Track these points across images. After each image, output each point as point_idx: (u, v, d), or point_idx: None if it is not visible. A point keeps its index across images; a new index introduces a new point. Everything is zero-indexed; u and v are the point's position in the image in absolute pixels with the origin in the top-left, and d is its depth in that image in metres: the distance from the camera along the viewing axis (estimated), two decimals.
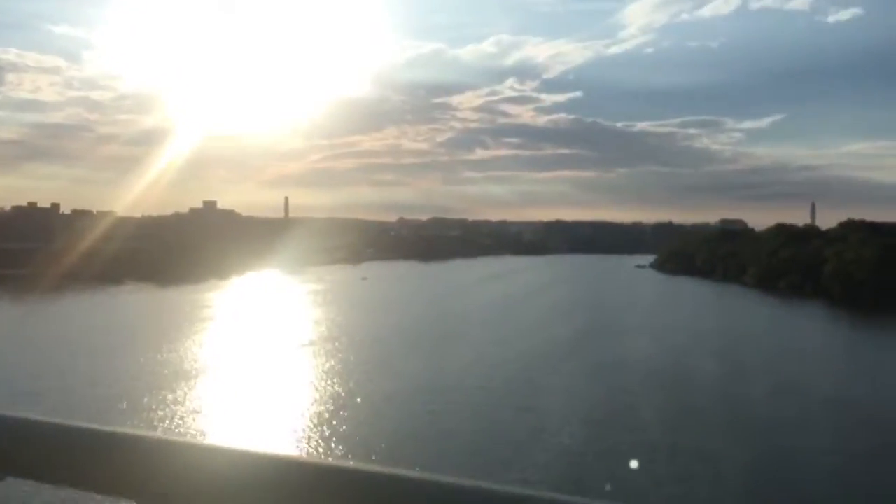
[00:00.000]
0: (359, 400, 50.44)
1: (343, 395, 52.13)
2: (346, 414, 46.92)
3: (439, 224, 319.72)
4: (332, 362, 64.07)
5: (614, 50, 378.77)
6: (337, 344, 72.81)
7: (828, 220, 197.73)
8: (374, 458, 37.91)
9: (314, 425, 44.86)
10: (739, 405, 51.09)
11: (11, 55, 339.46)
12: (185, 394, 52.14)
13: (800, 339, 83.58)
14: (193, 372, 59.19)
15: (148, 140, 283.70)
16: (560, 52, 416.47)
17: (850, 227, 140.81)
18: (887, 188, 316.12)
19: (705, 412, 49.04)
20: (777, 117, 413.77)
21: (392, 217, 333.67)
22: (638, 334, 79.76)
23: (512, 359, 65.55)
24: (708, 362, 64.74)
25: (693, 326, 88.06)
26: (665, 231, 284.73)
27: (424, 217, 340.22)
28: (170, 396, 50.90)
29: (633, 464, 36.32)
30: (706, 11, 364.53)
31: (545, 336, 78.92)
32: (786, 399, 52.77)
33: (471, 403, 50.00)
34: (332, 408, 48.78)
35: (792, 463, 39.77)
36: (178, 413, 47.17)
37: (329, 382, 56.21)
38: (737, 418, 47.73)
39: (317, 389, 54.11)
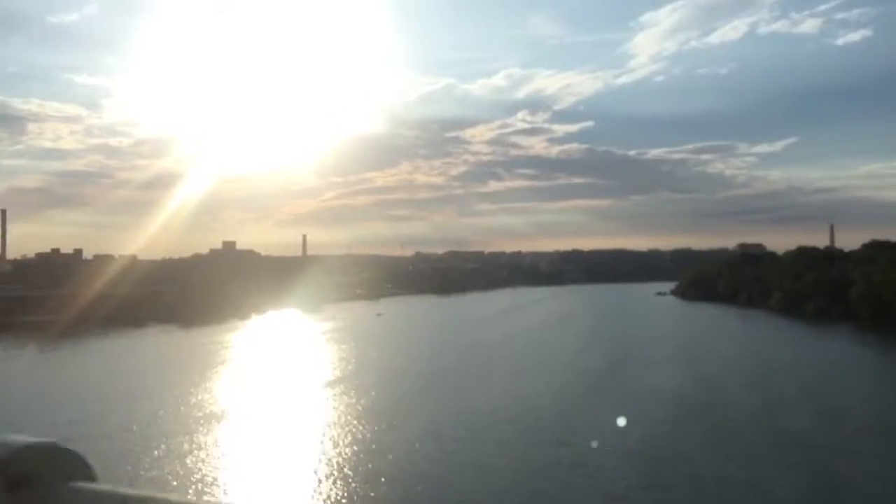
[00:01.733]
0: (391, 440, 49.69)
1: (372, 437, 51.16)
2: (379, 457, 46.13)
3: (455, 257, 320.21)
4: (359, 403, 63.04)
5: (624, 79, 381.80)
6: (362, 383, 71.75)
7: (846, 241, 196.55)
8: (413, 500, 37.31)
9: (346, 467, 44.20)
10: (781, 433, 49.86)
11: (33, 105, 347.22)
12: (218, 438, 51.60)
13: (835, 363, 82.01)
14: (223, 415, 58.63)
15: (166, 184, 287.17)
16: (570, 84, 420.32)
17: (874, 248, 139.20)
18: None
19: (748, 441, 47.99)
20: (790, 140, 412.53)
21: (408, 252, 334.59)
22: (669, 364, 78.57)
23: (542, 393, 64.65)
24: (746, 391, 63.56)
25: (725, 354, 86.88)
26: (683, 257, 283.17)
27: (441, 251, 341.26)
28: (204, 440, 50.50)
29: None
30: (715, 38, 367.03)
31: (573, 368, 77.97)
32: (830, 426, 51.65)
33: (505, 440, 49.18)
34: (362, 451, 48.03)
35: (839, 489, 38.80)
36: (213, 457, 46.71)
37: (356, 425, 55.12)
38: (780, 446, 46.60)
39: (345, 431, 53.21)
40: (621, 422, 50.83)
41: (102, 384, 73.24)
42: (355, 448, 48.02)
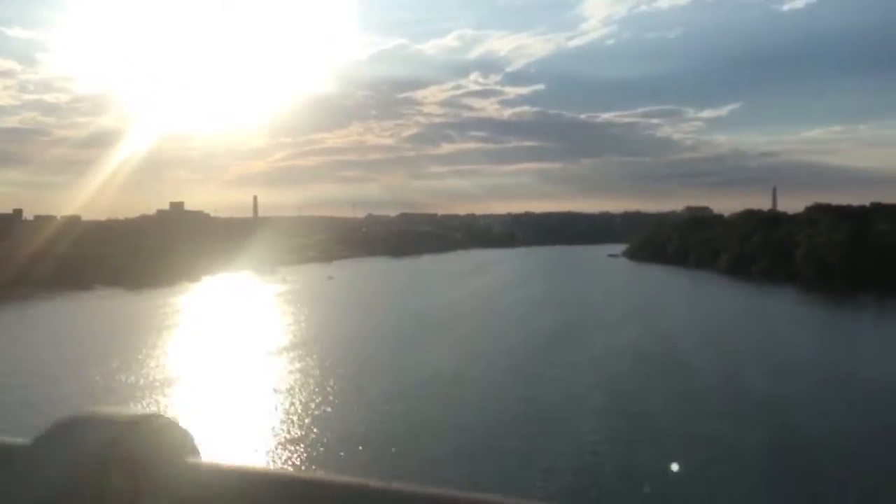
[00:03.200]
0: (357, 401, 49.50)
1: (338, 398, 50.85)
2: (346, 418, 45.90)
3: (408, 219, 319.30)
4: (321, 366, 62.04)
5: (575, 42, 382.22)
6: (322, 347, 70.45)
7: (789, 204, 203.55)
8: (388, 460, 37.31)
9: (315, 429, 43.84)
10: (738, 388, 51.58)
11: None
12: (176, 404, 49.54)
13: (782, 322, 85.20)
14: (170, 382, 56.12)
15: (107, 142, 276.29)
16: (522, 46, 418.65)
17: (817, 211, 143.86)
18: (842, 172, 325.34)
19: (706, 396, 49.52)
20: (735, 105, 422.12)
21: (360, 213, 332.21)
22: (627, 323, 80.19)
23: (504, 352, 65.33)
24: (701, 348, 65.36)
25: (677, 314, 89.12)
26: (633, 220, 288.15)
27: (393, 213, 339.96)
28: (161, 407, 49.02)
29: (649, 451, 36.34)
30: (664, 2, 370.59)
31: (534, 328, 78.86)
32: (781, 380, 53.69)
33: (471, 397, 49.55)
34: (330, 412, 47.72)
35: (798, 439, 40.37)
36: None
37: (322, 387, 54.68)
38: (738, 401, 48.22)
39: (309, 394, 52.61)
40: (587, 381, 51.96)
41: (50, 349, 70.73)
42: (323, 409, 47.71)
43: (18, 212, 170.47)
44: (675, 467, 34.31)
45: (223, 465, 1.30)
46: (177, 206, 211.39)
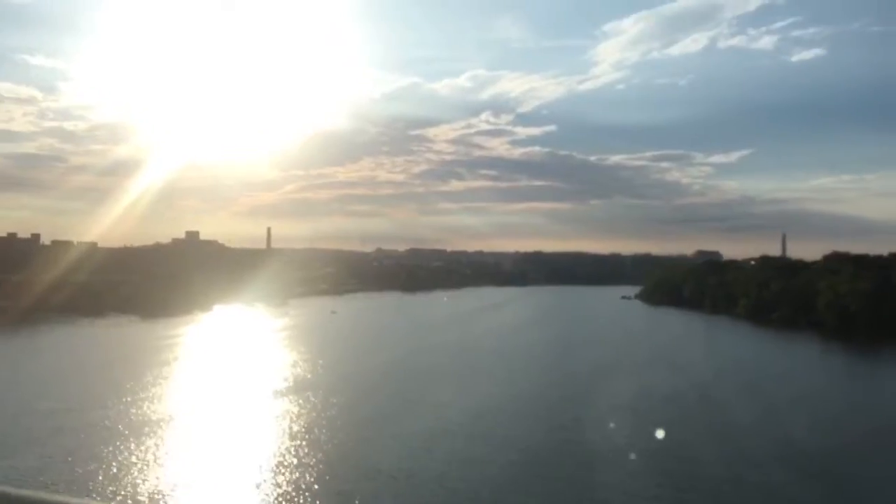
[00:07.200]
0: (397, 439, 48.56)
1: (376, 436, 49.87)
2: (387, 456, 44.94)
3: (418, 255, 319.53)
4: (363, 403, 60.49)
5: (587, 86, 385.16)
6: (345, 385, 68.38)
7: (797, 251, 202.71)
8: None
9: (359, 467, 42.72)
10: (774, 437, 50.48)
11: None
12: (155, 450, 45.12)
13: (812, 371, 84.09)
14: (166, 421, 52.59)
15: (121, 170, 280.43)
16: (534, 88, 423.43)
17: (836, 259, 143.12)
18: (850, 220, 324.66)
19: (744, 443, 48.49)
20: (744, 152, 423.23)
21: (368, 247, 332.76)
22: (654, 369, 79.04)
23: (538, 395, 64.35)
24: (736, 396, 64.43)
25: (707, 360, 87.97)
26: (644, 262, 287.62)
27: (401, 248, 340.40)
28: (139, 453, 44.22)
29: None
30: (675, 50, 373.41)
31: (564, 370, 77.91)
32: (817, 430, 52.77)
33: (512, 437, 48.54)
34: (368, 450, 46.74)
35: (834, 488, 39.47)
36: (178, 467, 41.24)
37: (361, 424, 53.71)
38: (774, 448, 47.24)
39: (346, 430, 51.38)
40: (629, 427, 51.00)
41: (60, 377, 69.69)
42: (363, 448, 46.67)
43: (36, 237, 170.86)
44: None
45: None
46: (192, 235, 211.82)
